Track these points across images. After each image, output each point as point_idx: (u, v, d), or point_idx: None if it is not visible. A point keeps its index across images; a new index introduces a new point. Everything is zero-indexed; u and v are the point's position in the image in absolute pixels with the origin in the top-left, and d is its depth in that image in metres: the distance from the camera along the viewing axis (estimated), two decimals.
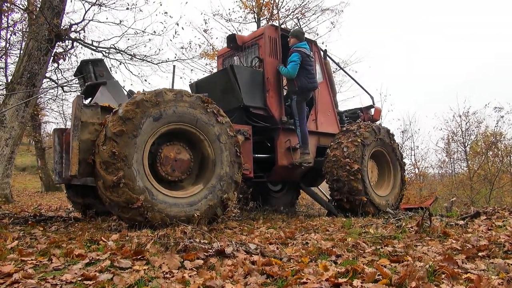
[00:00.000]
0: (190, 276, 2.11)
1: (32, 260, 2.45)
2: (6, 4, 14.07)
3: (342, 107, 7.67)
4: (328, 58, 6.92)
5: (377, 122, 7.26)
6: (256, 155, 5.43)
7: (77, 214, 5.79)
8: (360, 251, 2.84)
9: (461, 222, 4.10)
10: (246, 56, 6.26)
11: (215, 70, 15.15)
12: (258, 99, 5.54)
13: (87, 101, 4.82)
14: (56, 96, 16.70)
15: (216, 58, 15.36)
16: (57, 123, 22.39)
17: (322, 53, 6.69)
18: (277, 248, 2.96)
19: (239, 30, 16.14)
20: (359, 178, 5.37)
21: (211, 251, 2.61)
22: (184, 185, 4.26)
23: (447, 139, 18.50)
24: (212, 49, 15.63)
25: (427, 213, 3.79)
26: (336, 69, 13.81)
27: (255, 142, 5.38)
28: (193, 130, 4.14)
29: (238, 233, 3.91)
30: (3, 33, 15.36)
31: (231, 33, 16.11)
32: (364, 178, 5.44)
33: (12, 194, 9.73)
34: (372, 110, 7.39)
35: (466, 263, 2.44)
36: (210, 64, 15.62)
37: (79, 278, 2.04)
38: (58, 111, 20.75)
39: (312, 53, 6.04)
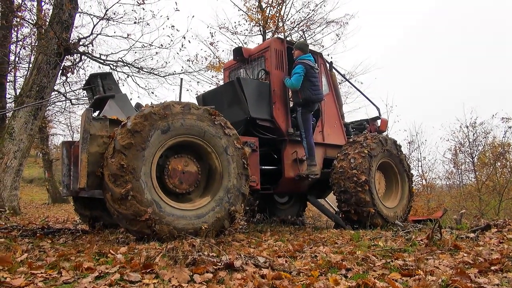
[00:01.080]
0: None
1: (41, 273, 2.45)
2: (16, 19, 14.36)
3: (348, 119, 7.69)
4: (334, 70, 6.95)
5: (384, 133, 7.25)
6: (263, 167, 5.43)
7: (85, 226, 5.79)
8: (370, 264, 2.81)
9: (472, 235, 4.04)
10: (252, 69, 6.30)
11: (221, 82, 15.28)
12: (265, 111, 5.57)
13: (95, 114, 4.87)
14: (64, 109, 16.90)
15: (222, 70, 15.55)
16: (65, 135, 22.62)
17: (328, 65, 6.73)
18: (286, 261, 2.94)
19: (245, 43, 16.30)
20: (366, 190, 5.34)
21: (220, 264, 2.59)
22: (191, 197, 4.26)
23: (455, 150, 18.38)
24: (218, 61, 15.76)
25: (437, 226, 3.75)
26: (341, 80, 13.85)
27: (261, 154, 5.39)
28: (200, 143, 4.16)
29: (246, 245, 3.89)
30: (12, 47, 15.64)
31: (237, 45, 16.29)
32: (371, 189, 5.41)
33: (20, 206, 9.77)
34: (379, 121, 7.38)
35: (479, 278, 2.40)
36: (216, 76, 15.75)
37: None
38: (65, 123, 20.98)
39: (317, 65, 6.08)
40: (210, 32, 16.69)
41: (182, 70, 13.56)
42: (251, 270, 2.54)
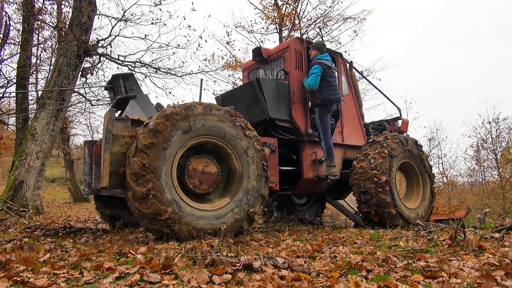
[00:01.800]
0: None
1: (64, 273, 2.49)
2: (37, 22, 14.71)
3: (366, 116, 7.58)
4: (354, 70, 6.87)
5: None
6: (281, 168, 5.41)
7: (105, 225, 5.89)
8: (391, 265, 2.76)
9: (497, 235, 3.93)
10: (271, 69, 6.29)
11: (237, 81, 15.32)
12: (284, 112, 5.55)
13: (117, 114, 4.95)
14: (84, 110, 17.24)
15: (239, 69, 15.58)
16: (85, 136, 23.07)
17: (348, 65, 6.66)
18: (305, 262, 2.91)
19: (261, 41, 16.30)
20: (387, 190, 5.26)
21: (238, 265, 2.59)
22: (211, 198, 4.28)
23: (477, 147, 17.99)
24: (235, 60, 15.80)
25: (460, 226, 3.66)
26: (359, 77, 13.71)
27: (280, 154, 5.37)
28: (221, 144, 4.17)
29: (264, 245, 3.88)
30: (34, 50, 16.03)
31: (253, 44, 16.33)
32: (392, 190, 5.32)
33: (43, 206, 10.00)
34: (399, 121, 7.26)
35: (505, 280, 2.33)
36: (232, 75, 15.80)
37: None
38: (85, 123, 21.39)
39: (336, 64, 6.02)
40: (227, 31, 16.76)
41: (199, 69, 13.65)
42: (270, 271, 2.53)
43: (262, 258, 2.73)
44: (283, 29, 15.89)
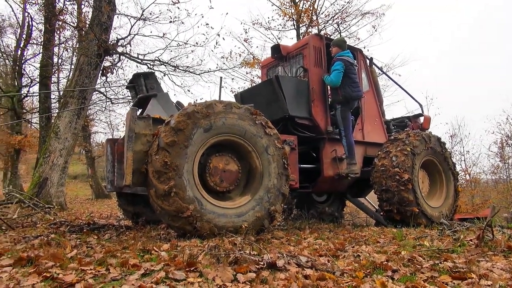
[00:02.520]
0: None
1: (91, 269, 2.53)
2: (58, 22, 15.00)
3: (386, 113, 7.44)
4: (374, 66, 6.77)
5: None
6: (301, 166, 5.38)
7: (128, 222, 5.98)
8: (417, 266, 2.71)
9: None
10: (290, 66, 6.25)
11: (255, 79, 15.30)
12: (304, 109, 5.51)
13: (138, 113, 5.01)
14: (105, 108, 17.53)
15: (256, 66, 15.55)
16: (105, 133, 23.48)
17: (368, 61, 6.56)
18: (328, 261, 2.89)
19: (279, 38, 16.22)
20: (409, 189, 5.17)
21: (262, 263, 2.59)
22: (231, 196, 4.29)
23: (501, 143, 17.52)
24: (252, 58, 15.78)
25: (487, 225, 3.56)
26: (379, 73, 13.52)
27: (300, 152, 5.34)
28: (241, 142, 4.17)
29: (286, 243, 3.87)
30: (55, 49, 16.37)
31: (270, 41, 16.27)
32: (415, 188, 5.23)
33: (66, 202, 10.23)
34: (421, 118, 7.13)
35: None
36: (250, 72, 15.79)
37: None
38: (106, 121, 21.77)
39: (356, 61, 5.94)
40: (244, 29, 16.73)
41: (217, 67, 13.70)
42: (293, 270, 2.52)
43: (286, 257, 2.72)
44: (300, 25, 15.77)
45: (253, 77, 15.52)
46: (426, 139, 5.65)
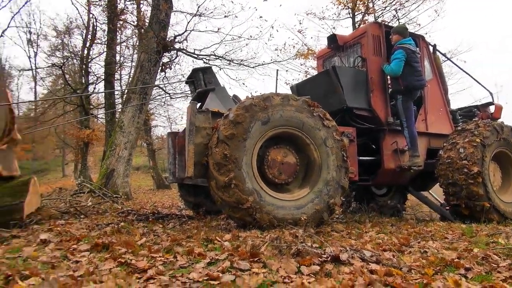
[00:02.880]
0: (309, 283, 2.09)
1: (160, 257, 2.66)
2: (119, 22, 15.79)
3: (451, 102, 7.01)
4: (438, 53, 6.40)
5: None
6: (360, 158, 5.25)
7: (188, 212, 6.21)
8: (493, 265, 2.54)
9: None
10: (347, 56, 6.09)
11: (310, 70, 15.11)
12: (362, 100, 5.36)
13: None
14: (164, 102, 18.25)
15: (310, 57, 15.35)
16: (164, 127, 24.49)
17: (431, 48, 6.22)
18: (394, 256, 2.80)
19: (333, 28, 15.89)
20: (479, 182, 4.85)
21: (324, 256, 2.57)
22: (290, 188, 4.29)
23: None
24: (307, 49, 15.59)
25: None
26: (443, 60, 12.78)
27: (359, 144, 5.21)
28: (299, 134, 4.16)
29: (346, 237, 3.81)
30: (118, 48, 17.28)
31: (325, 31, 15.96)
32: (485, 182, 4.90)
33: (131, 192, 10.83)
34: (492, 107, 6.63)
35: None
36: (304, 64, 15.62)
37: (205, 278, 2.15)
38: (165, 115, 22.69)
39: (419, 48, 5.65)
40: (298, 20, 16.55)
41: (271, 60, 13.72)
42: (358, 264, 2.47)
43: (349, 251, 2.68)
44: (356, 13, 15.31)
45: (308, 69, 15.36)
46: (498, 129, 5.26)
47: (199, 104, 5.33)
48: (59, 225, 4.17)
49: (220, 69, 12.77)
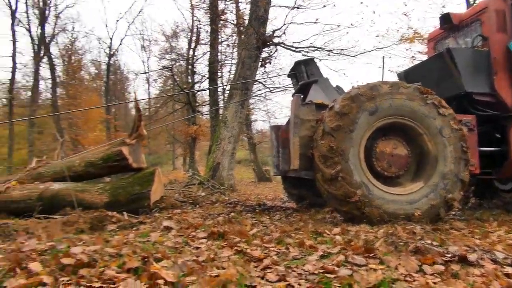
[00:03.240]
0: (434, 283, 1.94)
1: (272, 247, 2.73)
2: (221, 22, 16.55)
3: None
4: None
5: None
6: (482, 149, 4.71)
7: (292, 204, 6.27)
8: None
9: None
10: (464, 36, 5.50)
11: (416, 55, 14.06)
12: (484, 84, 4.78)
13: None
14: (264, 97, 18.70)
15: (416, 41, 14.26)
16: (263, 121, 25.13)
17: None
18: None
19: (443, 6, 14.51)
20: None
21: (448, 256, 2.36)
22: (401, 181, 4.06)
23: None
24: (413, 32, 14.52)
25: None
26: None
27: (479, 133, 4.67)
28: (410, 124, 3.90)
29: (468, 235, 3.45)
30: (220, 47, 18.15)
31: (432, 12, 14.67)
32: None
33: (235, 184, 11.33)
34: None
35: None
36: (410, 48, 14.59)
37: (320, 270, 2.13)
38: (264, 109, 23.25)
39: None
40: (403, 2, 15.51)
41: (373, 47, 13.10)
42: (490, 266, 2.22)
43: (478, 251, 2.42)
44: None
45: (415, 53, 14.31)
46: None
47: (301, 97, 5.33)
48: (176, 214, 4.56)
49: (320, 61, 12.59)
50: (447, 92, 4.77)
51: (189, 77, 20.14)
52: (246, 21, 12.69)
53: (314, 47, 12.27)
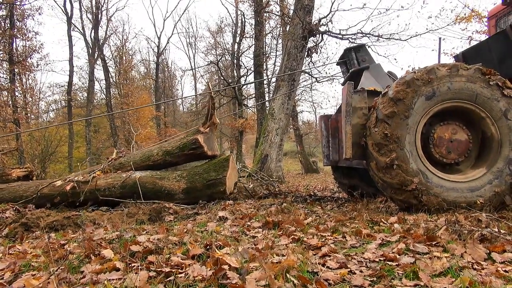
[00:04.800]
0: (505, 271, 1.84)
1: (329, 236, 2.71)
2: (265, 14, 16.50)
3: None
4: None
5: None
6: None
7: (342, 194, 6.17)
8: None
9: None
10: None
11: (474, 35, 13.23)
12: None
13: None
14: (311, 88, 18.50)
15: (473, 20, 13.40)
16: (309, 112, 24.86)
17: None
18: None
19: None
20: None
21: None
22: (461, 168, 3.86)
23: None
24: (471, 10, 13.65)
25: None
26: None
27: None
28: (471, 107, 3.68)
29: None
30: (264, 39, 18.12)
31: None
32: None
33: (283, 175, 11.34)
34: None
35: None
36: (466, 28, 13.74)
37: (381, 258, 2.10)
38: (309, 100, 23.01)
39: None
40: None
41: (426, 29, 12.49)
42: None
43: None
44: None
45: (472, 33, 13.47)
46: None
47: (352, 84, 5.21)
48: (229, 205, 4.65)
49: (368, 47, 12.21)
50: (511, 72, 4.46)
51: (234, 71, 20.34)
52: (291, 11, 12.56)
53: (362, 33, 11.91)
